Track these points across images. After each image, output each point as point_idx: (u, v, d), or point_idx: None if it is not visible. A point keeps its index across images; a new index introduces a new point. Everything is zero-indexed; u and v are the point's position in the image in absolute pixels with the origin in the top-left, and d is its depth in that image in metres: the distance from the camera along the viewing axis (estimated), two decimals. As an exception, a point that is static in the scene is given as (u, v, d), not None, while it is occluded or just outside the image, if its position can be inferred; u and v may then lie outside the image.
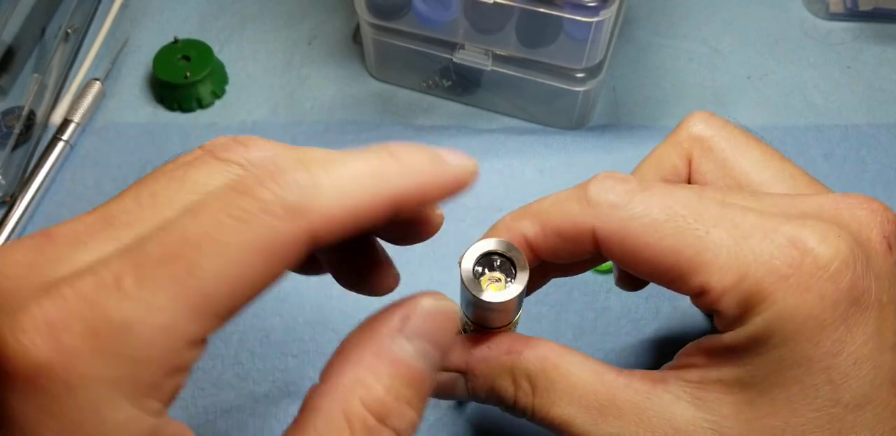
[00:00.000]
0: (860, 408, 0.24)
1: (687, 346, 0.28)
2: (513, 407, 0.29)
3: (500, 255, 0.27)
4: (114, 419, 0.19)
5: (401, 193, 0.22)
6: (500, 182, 0.49)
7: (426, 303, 0.22)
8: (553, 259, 0.29)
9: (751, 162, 0.31)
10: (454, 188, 0.23)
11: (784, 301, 0.24)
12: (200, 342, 0.20)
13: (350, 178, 0.21)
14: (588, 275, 0.46)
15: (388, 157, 0.22)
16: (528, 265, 0.27)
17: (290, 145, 0.24)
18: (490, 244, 0.27)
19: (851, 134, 0.52)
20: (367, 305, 0.44)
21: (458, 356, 0.30)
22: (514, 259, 0.27)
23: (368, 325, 0.23)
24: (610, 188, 0.27)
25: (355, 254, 0.29)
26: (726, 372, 0.26)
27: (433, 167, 0.23)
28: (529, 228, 0.28)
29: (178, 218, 0.20)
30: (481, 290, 0.27)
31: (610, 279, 0.46)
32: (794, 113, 0.53)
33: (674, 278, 0.26)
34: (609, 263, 0.45)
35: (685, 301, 0.45)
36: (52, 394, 0.19)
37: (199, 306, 0.19)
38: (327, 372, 0.22)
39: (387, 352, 0.22)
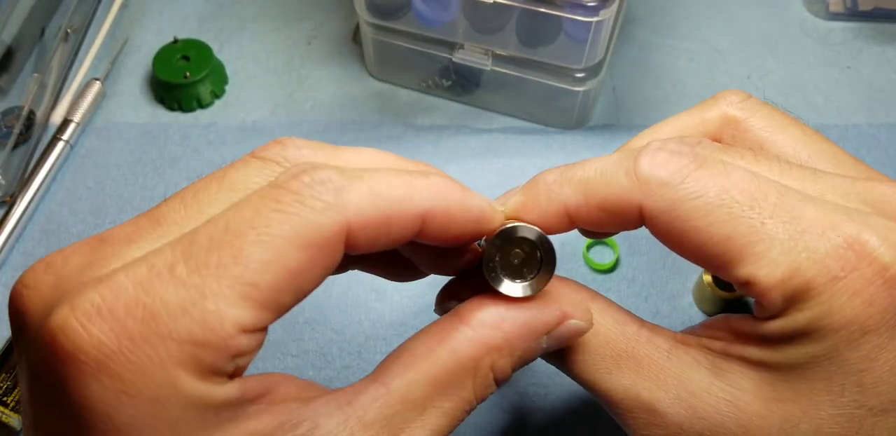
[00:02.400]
0: (885, 413, 0.24)
1: (715, 318, 0.28)
2: None
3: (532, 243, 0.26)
4: (194, 392, 0.20)
5: (428, 208, 0.24)
6: (499, 182, 0.49)
7: (575, 322, 0.26)
8: (594, 229, 0.27)
9: (792, 142, 0.29)
10: (477, 221, 0.25)
11: (830, 303, 0.23)
12: (255, 332, 0.21)
13: (383, 182, 0.23)
14: (588, 274, 0.46)
15: (420, 174, 0.24)
16: (555, 261, 0.26)
17: (326, 144, 0.26)
18: (527, 232, 0.26)
19: (851, 134, 0.52)
20: (365, 305, 0.44)
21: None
22: (544, 254, 0.26)
23: (533, 313, 0.26)
24: (663, 164, 0.25)
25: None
26: (752, 352, 0.25)
27: (462, 194, 0.25)
28: (572, 198, 0.26)
29: (221, 212, 0.22)
30: (505, 285, 0.26)
31: (610, 279, 0.46)
32: (794, 113, 0.52)
33: (720, 265, 0.25)
34: (609, 263, 0.45)
35: (685, 301, 0.45)
36: (126, 378, 0.20)
37: (248, 294, 0.21)
38: (477, 321, 0.25)
39: (531, 341, 0.26)
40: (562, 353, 0.28)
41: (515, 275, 0.26)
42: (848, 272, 0.23)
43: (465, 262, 0.29)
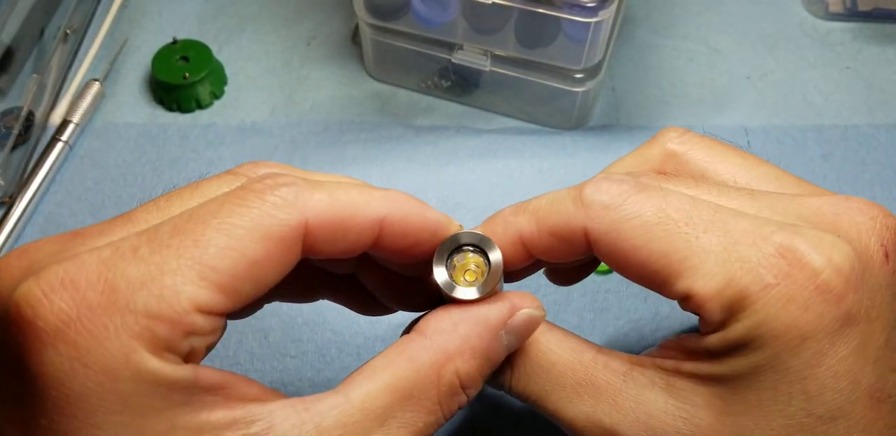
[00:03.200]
0: (833, 420, 0.24)
1: (669, 338, 0.28)
2: (491, 380, 0.29)
3: (474, 246, 0.27)
4: (147, 366, 0.21)
5: (385, 214, 0.25)
6: (498, 182, 0.49)
7: (527, 310, 0.27)
8: (548, 259, 0.28)
9: (732, 169, 0.30)
10: (434, 232, 0.26)
11: (766, 311, 0.24)
12: (211, 315, 0.22)
13: (341, 189, 0.24)
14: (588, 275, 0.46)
15: (376, 187, 0.26)
16: (501, 256, 0.27)
17: (296, 168, 0.27)
18: (464, 238, 0.27)
19: (851, 134, 0.51)
20: (365, 305, 0.44)
21: None
22: (487, 251, 0.27)
23: (484, 310, 0.26)
24: (605, 190, 0.26)
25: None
26: (701, 367, 0.26)
27: (419, 205, 0.26)
28: (526, 226, 0.28)
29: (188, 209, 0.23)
30: (453, 287, 0.27)
31: (608, 280, 0.46)
32: (794, 113, 0.53)
33: (660, 282, 0.26)
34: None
35: (684, 302, 0.45)
36: (82, 345, 0.21)
37: (205, 275, 0.22)
38: (433, 329, 0.26)
39: (490, 339, 0.26)
40: (521, 385, 0.28)
41: (464, 280, 0.27)
42: (781, 279, 0.24)
43: (427, 295, 0.30)
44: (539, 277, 0.45)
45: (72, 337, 0.21)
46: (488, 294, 0.27)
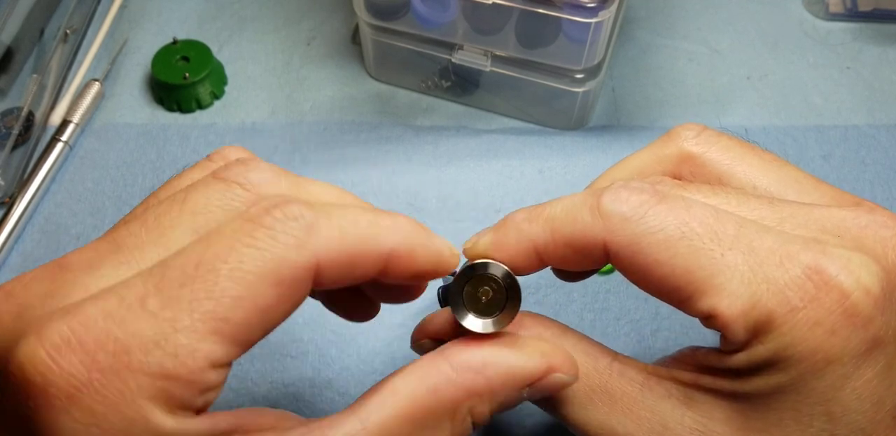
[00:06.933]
0: None
1: (684, 351, 0.28)
2: None
3: (497, 280, 0.27)
4: (165, 426, 0.20)
5: (392, 247, 0.24)
6: (499, 183, 0.49)
7: (560, 375, 0.26)
8: (562, 267, 0.28)
9: (751, 171, 0.29)
10: (437, 260, 0.25)
11: (792, 334, 0.23)
12: (222, 367, 0.22)
13: (351, 220, 0.23)
14: (587, 276, 0.46)
15: (385, 213, 0.25)
16: (520, 298, 0.26)
17: (288, 171, 0.26)
18: (491, 269, 0.26)
19: (851, 134, 0.51)
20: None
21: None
22: (510, 291, 0.26)
23: (520, 361, 0.26)
24: (624, 200, 0.25)
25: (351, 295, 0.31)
26: (721, 384, 0.25)
27: (425, 235, 0.25)
28: (540, 236, 0.26)
29: (192, 244, 0.22)
30: (466, 316, 0.26)
31: (609, 280, 0.46)
32: (794, 113, 0.53)
33: (683, 299, 0.25)
34: (609, 265, 0.45)
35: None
36: (98, 411, 0.20)
37: (220, 329, 0.21)
38: (461, 363, 0.25)
39: (513, 390, 0.26)
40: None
41: (481, 311, 0.26)
42: (807, 302, 0.23)
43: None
44: (539, 278, 0.45)
45: (86, 403, 0.20)
46: (505, 327, 0.26)
